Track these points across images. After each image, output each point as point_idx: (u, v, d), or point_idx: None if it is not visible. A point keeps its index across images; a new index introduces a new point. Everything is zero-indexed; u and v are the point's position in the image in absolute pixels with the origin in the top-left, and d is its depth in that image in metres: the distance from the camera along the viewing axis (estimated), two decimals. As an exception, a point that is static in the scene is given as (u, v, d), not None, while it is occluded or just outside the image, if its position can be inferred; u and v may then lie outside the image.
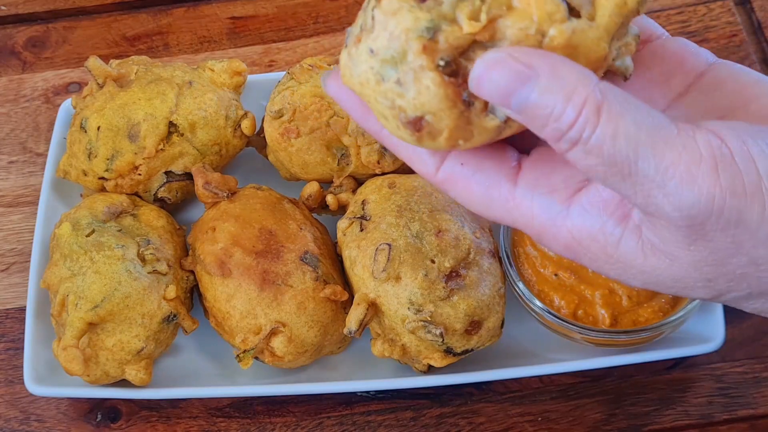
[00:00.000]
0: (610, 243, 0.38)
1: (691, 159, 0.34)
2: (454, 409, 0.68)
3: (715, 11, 0.86)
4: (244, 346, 0.63)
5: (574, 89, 0.35)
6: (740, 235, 0.35)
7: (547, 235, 0.40)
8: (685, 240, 0.36)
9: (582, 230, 0.38)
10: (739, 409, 0.67)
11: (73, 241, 0.65)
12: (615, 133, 0.34)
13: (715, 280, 0.37)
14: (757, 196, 0.34)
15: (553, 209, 0.39)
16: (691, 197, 0.34)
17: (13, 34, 0.89)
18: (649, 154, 0.34)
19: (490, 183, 0.40)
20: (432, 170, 0.41)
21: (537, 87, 0.35)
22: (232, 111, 0.72)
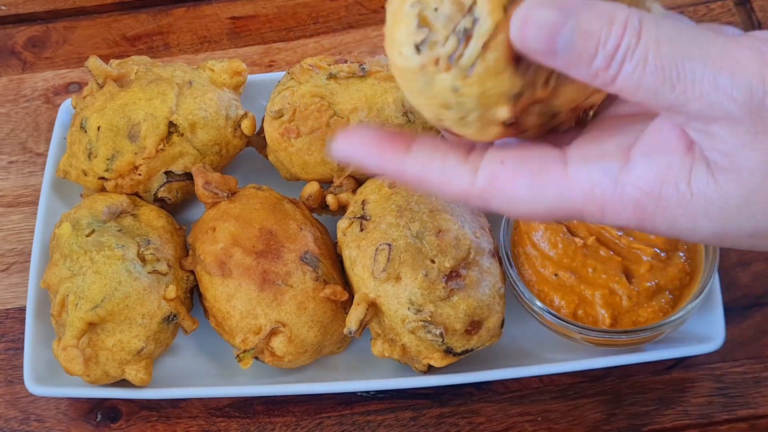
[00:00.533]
0: (682, 178, 0.37)
1: (734, 51, 0.35)
2: (453, 409, 0.68)
3: (715, 11, 0.86)
4: (244, 346, 0.63)
5: (614, 14, 0.35)
6: None
7: (612, 202, 0.38)
8: (747, 138, 0.35)
9: (650, 178, 0.37)
10: (739, 409, 0.67)
11: (73, 241, 0.65)
12: (658, 38, 0.35)
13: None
14: None
15: (612, 169, 0.38)
16: (742, 82, 0.34)
17: (13, 34, 0.89)
18: (694, 52, 0.35)
19: (539, 168, 0.39)
20: (469, 180, 0.39)
21: (579, 20, 0.35)
22: (232, 111, 0.72)
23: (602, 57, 0.35)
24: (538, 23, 0.35)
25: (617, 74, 0.36)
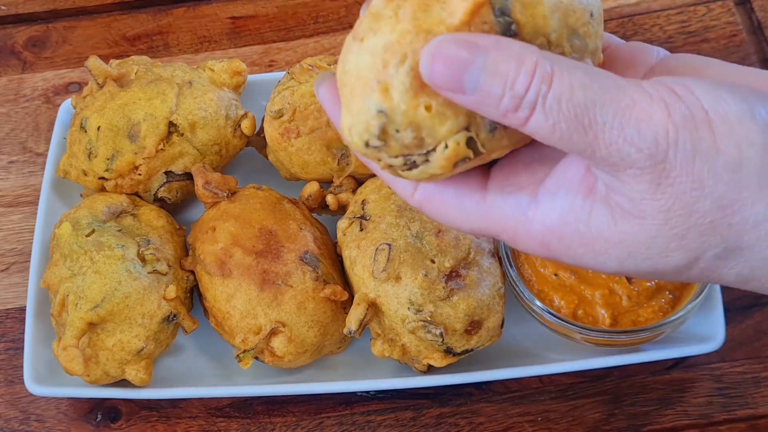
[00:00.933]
0: (582, 219, 0.38)
1: (643, 100, 0.35)
2: (453, 409, 0.68)
3: (715, 11, 0.86)
4: (244, 346, 0.63)
5: (523, 56, 0.36)
6: (699, 169, 0.35)
7: (521, 233, 0.40)
8: (651, 187, 0.36)
9: (552, 215, 0.39)
10: (739, 409, 0.67)
11: (73, 241, 0.65)
12: (571, 85, 0.35)
13: (687, 236, 0.37)
14: (705, 126, 0.35)
15: (522, 203, 0.40)
16: (649, 133, 0.35)
17: (13, 34, 0.89)
18: (605, 100, 0.35)
19: (462, 194, 0.41)
20: (410, 192, 0.43)
21: (488, 60, 0.36)
22: (232, 111, 0.72)
23: (510, 98, 0.36)
24: (447, 60, 0.36)
25: (528, 117, 0.36)
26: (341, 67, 0.40)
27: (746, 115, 0.36)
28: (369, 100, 0.38)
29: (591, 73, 0.36)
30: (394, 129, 0.38)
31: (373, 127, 0.39)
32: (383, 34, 0.38)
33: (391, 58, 0.37)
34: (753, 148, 0.35)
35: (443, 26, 0.37)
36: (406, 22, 0.37)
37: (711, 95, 0.36)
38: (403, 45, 0.37)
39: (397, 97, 0.38)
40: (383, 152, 0.40)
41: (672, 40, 0.85)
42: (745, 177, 0.35)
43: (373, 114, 0.38)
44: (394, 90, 0.38)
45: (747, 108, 0.36)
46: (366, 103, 0.38)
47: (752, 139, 0.35)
